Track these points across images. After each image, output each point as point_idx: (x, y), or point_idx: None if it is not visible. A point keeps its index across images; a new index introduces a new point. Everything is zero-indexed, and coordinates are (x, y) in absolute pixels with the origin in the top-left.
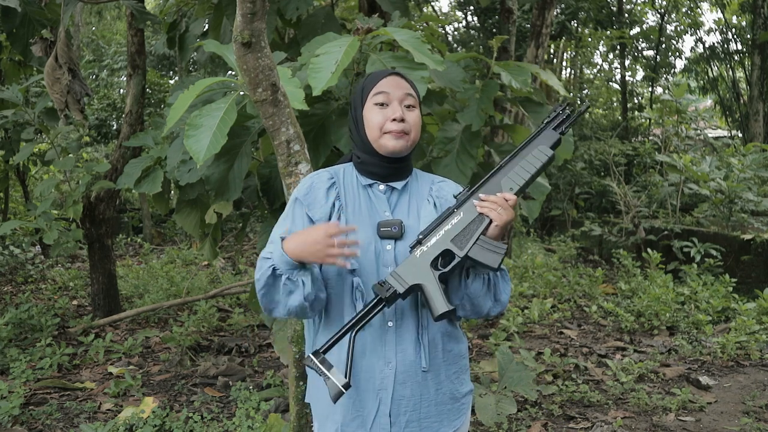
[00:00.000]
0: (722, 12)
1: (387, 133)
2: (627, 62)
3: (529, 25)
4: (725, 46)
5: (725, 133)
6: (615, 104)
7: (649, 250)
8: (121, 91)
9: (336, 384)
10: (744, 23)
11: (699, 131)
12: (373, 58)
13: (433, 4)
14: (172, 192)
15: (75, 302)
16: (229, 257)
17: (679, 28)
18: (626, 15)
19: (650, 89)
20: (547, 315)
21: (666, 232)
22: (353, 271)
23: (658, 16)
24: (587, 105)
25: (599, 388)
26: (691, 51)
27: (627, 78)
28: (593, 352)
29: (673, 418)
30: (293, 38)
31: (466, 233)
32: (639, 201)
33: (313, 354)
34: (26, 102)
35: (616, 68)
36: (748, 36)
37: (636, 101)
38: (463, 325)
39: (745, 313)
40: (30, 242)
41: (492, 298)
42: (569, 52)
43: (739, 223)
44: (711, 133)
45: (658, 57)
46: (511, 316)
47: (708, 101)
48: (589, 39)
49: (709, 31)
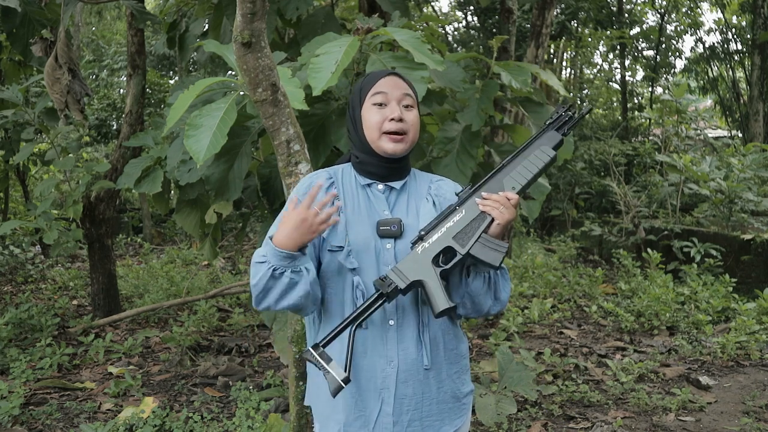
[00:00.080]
0: (722, 12)
1: (385, 133)
2: (627, 62)
3: (529, 25)
4: (725, 46)
5: (725, 133)
6: (615, 104)
7: (649, 250)
8: (121, 91)
9: (335, 378)
10: (744, 23)
11: (699, 131)
12: (373, 58)
13: (433, 4)
14: (172, 192)
15: (75, 302)
16: (229, 257)
17: (679, 28)
18: (626, 15)
19: (650, 89)
20: (547, 315)
21: (666, 232)
22: (353, 269)
23: (658, 16)
24: (590, 107)
25: (599, 388)
26: (691, 51)
27: (627, 78)
28: (593, 352)
29: (673, 418)
30: (293, 38)
31: (467, 231)
32: (639, 201)
33: (312, 347)
34: (26, 102)
35: (616, 68)
36: (748, 36)
37: (636, 101)
38: (463, 325)
39: (745, 313)
40: (30, 242)
41: (492, 297)
42: (569, 52)
43: (739, 223)
44: (711, 133)
45: (658, 57)
46: (511, 316)
47: (708, 101)
48: (589, 39)
49: (709, 31)
